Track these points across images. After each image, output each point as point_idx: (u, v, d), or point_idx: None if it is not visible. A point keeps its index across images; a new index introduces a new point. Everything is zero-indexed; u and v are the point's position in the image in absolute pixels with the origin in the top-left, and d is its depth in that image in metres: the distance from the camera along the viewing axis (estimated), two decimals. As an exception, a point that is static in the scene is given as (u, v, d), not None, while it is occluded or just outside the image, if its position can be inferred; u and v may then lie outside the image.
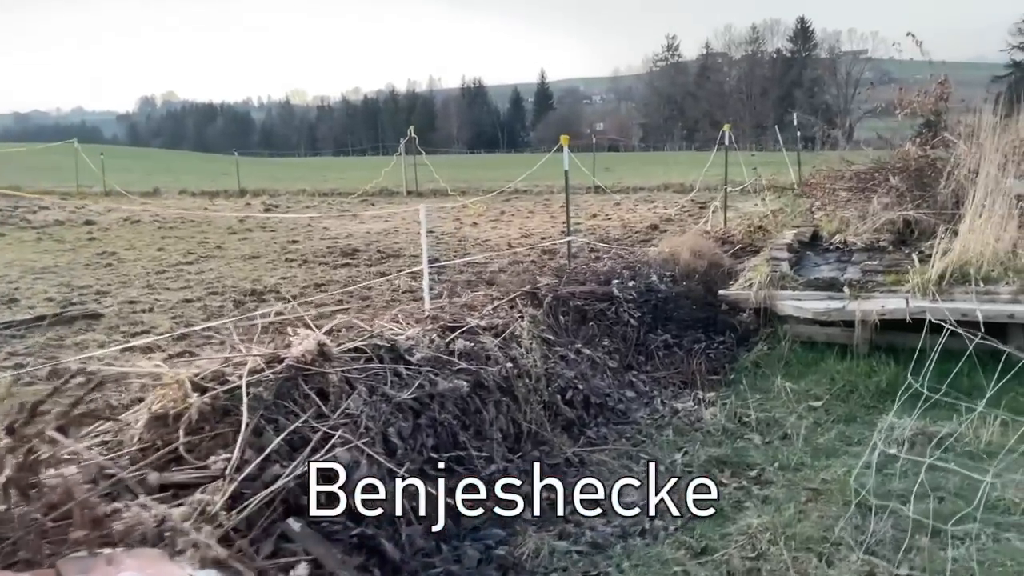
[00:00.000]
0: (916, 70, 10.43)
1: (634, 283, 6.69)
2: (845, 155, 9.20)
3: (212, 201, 23.70)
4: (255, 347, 3.80)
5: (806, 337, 6.18)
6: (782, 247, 7.22)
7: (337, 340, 4.08)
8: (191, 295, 9.23)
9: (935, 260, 5.70)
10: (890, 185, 7.52)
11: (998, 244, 5.67)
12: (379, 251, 12.41)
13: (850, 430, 4.85)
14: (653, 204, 18.83)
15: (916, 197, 7.32)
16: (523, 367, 4.70)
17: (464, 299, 6.13)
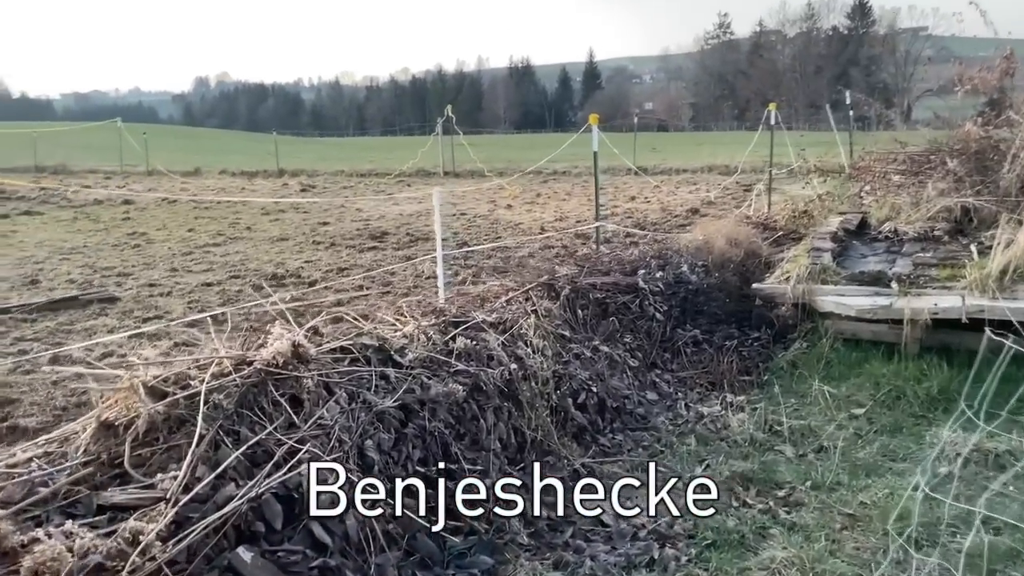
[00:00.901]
0: (979, 47, 9.73)
1: (662, 273, 6.22)
2: (898, 136, 8.51)
3: (251, 181, 23.67)
4: (224, 346, 3.46)
5: (850, 334, 5.64)
6: (825, 236, 6.65)
7: (320, 339, 3.72)
8: (212, 278, 9.04)
9: (996, 253, 5.11)
10: (947, 169, 6.87)
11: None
12: (408, 234, 12.09)
13: (895, 443, 4.35)
14: (695, 186, 18.16)
15: (976, 182, 6.66)
16: (529, 368, 4.29)
17: (477, 290, 5.73)
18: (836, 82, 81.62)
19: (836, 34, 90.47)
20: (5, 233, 12.75)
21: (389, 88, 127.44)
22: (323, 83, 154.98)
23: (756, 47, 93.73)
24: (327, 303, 7.68)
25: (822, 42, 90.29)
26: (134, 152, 26.08)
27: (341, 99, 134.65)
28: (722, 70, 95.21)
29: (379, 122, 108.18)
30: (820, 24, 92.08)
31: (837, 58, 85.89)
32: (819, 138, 19.52)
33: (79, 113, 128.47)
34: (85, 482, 2.83)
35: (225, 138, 69.70)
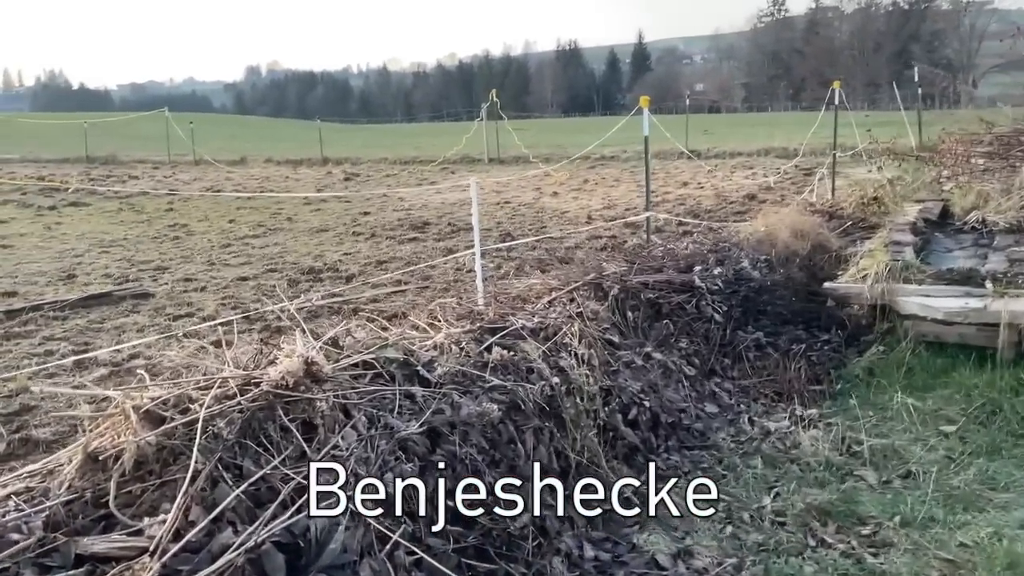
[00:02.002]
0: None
1: (721, 270, 5.70)
2: (983, 115, 7.79)
3: (296, 170, 23.56)
4: (230, 362, 3.09)
5: (932, 337, 5.07)
6: (904, 227, 6.03)
7: (339, 353, 3.32)
8: (249, 272, 8.79)
9: (1113, 249, 4.51)
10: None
11: None
12: (451, 224, 11.71)
13: (994, 468, 3.79)
14: (752, 171, 17.39)
15: (1080, 167, 6.00)
16: (574, 382, 3.84)
17: (518, 288, 5.29)
18: (896, 59, 78.78)
19: (896, 9, 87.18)
20: (50, 225, 12.74)
21: (436, 74, 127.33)
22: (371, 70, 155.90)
23: (812, 24, 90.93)
24: (363, 299, 7.35)
25: (881, 18, 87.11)
26: (182, 142, 26.21)
27: (389, 85, 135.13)
28: (776, 49, 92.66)
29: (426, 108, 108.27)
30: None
31: (897, 34, 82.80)
32: (883, 118, 18.57)
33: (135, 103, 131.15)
34: (66, 525, 2.49)
35: (274, 126, 70.30)
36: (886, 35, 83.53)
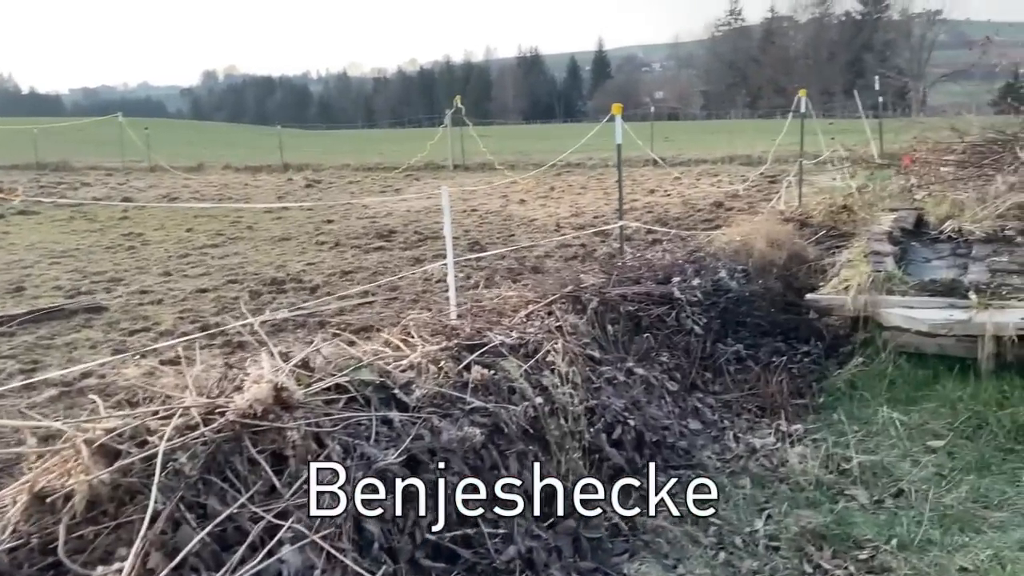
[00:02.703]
0: (990, 31, 9.13)
1: (699, 280, 5.58)
2: (954, 123, 7.82)
3: (255, 176, 23.10)
4: (192, 388, 2.86)
5: (913, 348, 5.00)
6: (882, 237, 5.98)
7: (310, 376, 3.11)
8: (208, 284, 8.48)
9: (1096, 260, 4.48)
10: (1018, 160, 6.20)
11: None
12: (417, 232, 11.48)
13: (985, 485, 3.71)
14: (717, 178, 17.45)
15: (1054, 175, 6.01)
16: (558, 402, 3.67)
17: (493, 301, 5.11)
18: (850, 68, 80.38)
19: (849, 19, 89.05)
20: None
21: (397, 79, 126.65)
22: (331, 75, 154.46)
23: (768, 33, 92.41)
24: (329, 312, 7.10)
25: (835, 27, 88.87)
26: (137, 148, 25.54)
27: (349, 91, 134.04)
28: (733, 57, 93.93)
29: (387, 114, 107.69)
30: (832, 9, 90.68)
31: (850, 44, 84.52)
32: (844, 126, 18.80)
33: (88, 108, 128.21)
34: (9, 575, 2.25)
35: (232, 132, 69.23)
36: (839, 44, 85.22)
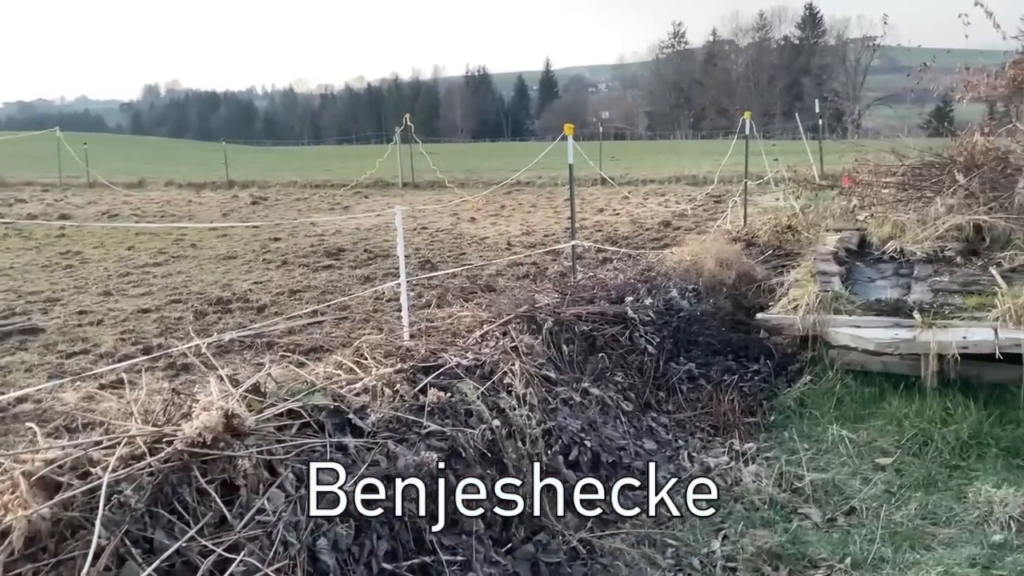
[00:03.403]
0: (924, 57, 9.53)
1: (651, 300, 5.62)
2: (894, 146, 8.07)
3: (199, 193, 22.62)
4: (138, 416, 2.75)
5: (858, 366, 5.11)
6: (828, 257, 6.11)
7: (262, 401, 3.02)
8: (150, 303, 8.22)
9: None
10: (956, 183, 6.41)
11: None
12: (367, 250, 11.36)
13: (933, 502, 3.78)
14: (664, 198, 17.70)
15: (989, 199, 6.21)
16: (515, 424, 3.64)
17: (447, 321, 5.06)
18: (789, 91, 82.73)
19: (788, 44, 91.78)
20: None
21: (344, 96, 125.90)
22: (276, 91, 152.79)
23: (710, 56, 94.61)
24: (277, 332, 6.95)
25: (774, 51, 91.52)
26: (75, 163, 24.80)
27: (295, 107, 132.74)
28: (677, 79, 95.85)
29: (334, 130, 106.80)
30: (772, 34, 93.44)
31: (789, 67, 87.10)
32: (785, 147, 19.29)
33: (24, 122, 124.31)
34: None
35: (174, 147, 67.95)
36: (779, 68, 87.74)
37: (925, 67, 8.24)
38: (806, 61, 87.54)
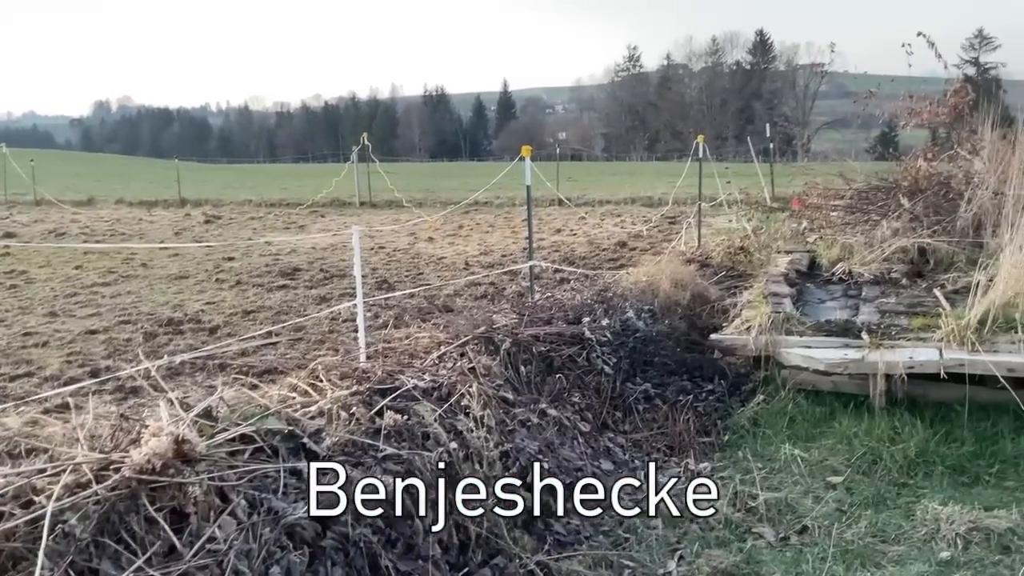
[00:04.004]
0: (870, 83, 9.88)
1: (608, 320, 5.67)
2: (842, 169, 8.30)
3: (150, 211, 22.22)
4: (84, 442, 2.67)
5: (809, 385, 5.21)
6: (779, 278, 6.24)
7: (213, 426, 2.96)
8: (98, 324, 8.03)
9: (973, 302, 4.77)
10: (901, 207, 6.61)
11: (1047, 283, 4.77)
12: (323, 270, 11.26)
13: (882, 520, 3.86)
14: (620, 218, 17.90)
15: (932, 222, 6.42)
16: (472, 446, 3.63)
17: (404, 342, 5.04)
18: (741, 115, 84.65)
19: (740, 68, 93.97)
20: None
21: (301, 114, 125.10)
22: (231, 108, 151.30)
23: (665, 80, 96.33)
24: (230, 353, 6.83)
25: (727, 76, 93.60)
26: (21, 180, 24.18)
27: (250, 125, 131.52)
28: (632, 102, 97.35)
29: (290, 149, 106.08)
30: (724, 59, 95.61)
31: (741, 92, 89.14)
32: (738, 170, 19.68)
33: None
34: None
35: (125, 164, 66.72)
36: (731, 92, 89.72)
37: (871, 94, 8.52)
38: (757, 86, 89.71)
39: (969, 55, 79.35)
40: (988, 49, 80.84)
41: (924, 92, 7.99)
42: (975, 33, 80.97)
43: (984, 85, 56.39)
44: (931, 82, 9.19)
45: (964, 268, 5.81)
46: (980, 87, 41.22)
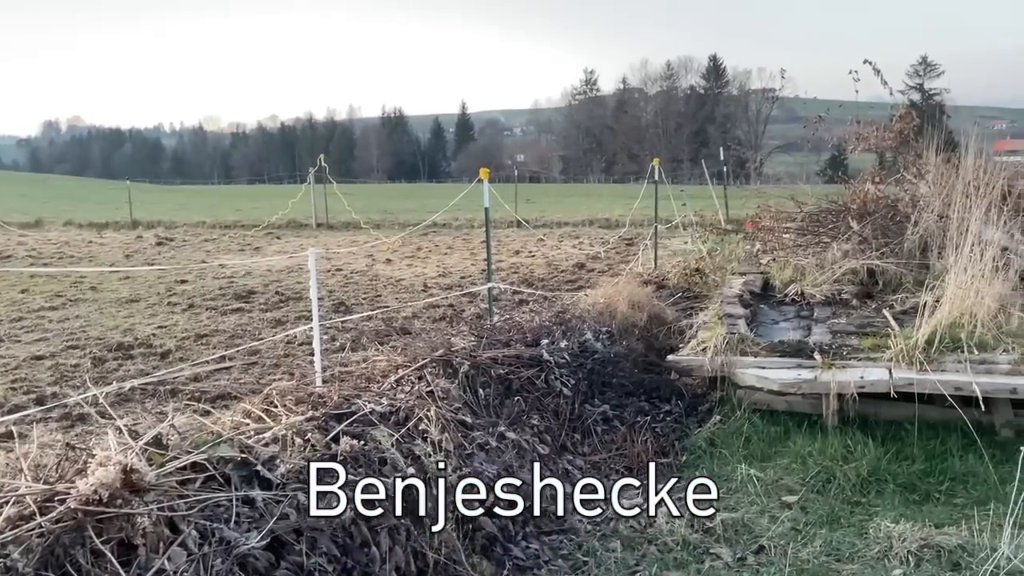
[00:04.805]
0: (819, 108, 10.16)
1: (567, 342, 5.68)
2: (793, 192, 8.48)
3: (100, 233, 21.75)
4: (28, 471, 2.59)
5: (765, 405, 5.28)
6: (734, 300, 6.33)
7: (163, 454, 2.89)
8: (45, 350, 7.81)
9: (921, 322, 4.90)
10: (851, 229, 6.77)
11: (989, 304, 4.90)
12: (278, 292, 11.11)
13: (837, 538, 3.90)
14: (578, 240, 18.03)
15: (881, 244, 6.59)
16: (430, 471, 3.59)
17: (362, 365, 4.99)
18: (695, 138, 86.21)
19: (694, 93, 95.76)
20: None
21: (257, 135, 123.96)
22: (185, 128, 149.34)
23: (621, 103, 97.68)
24: (182, 379, 6.69)
25: (681, 100, 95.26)
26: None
27: (205, 145, 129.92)
28: (589, 124, 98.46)
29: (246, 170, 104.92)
30: (679, 83, 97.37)
31: (695, 115, 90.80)
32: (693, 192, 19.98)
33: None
34: None
35: (75, 185, 65.38)
36: (686, 116, 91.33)
37: (820, 119, 8.75)
38: (711, 110, 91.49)
39: (914, 81, 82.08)
40: (932, 75, 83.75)
41: (871, 117, 8.23)
42: (920, 60, 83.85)
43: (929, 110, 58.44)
44: (878, 107, 9.47)
45: (912, 289, 5.97)
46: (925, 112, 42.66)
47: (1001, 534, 3.68)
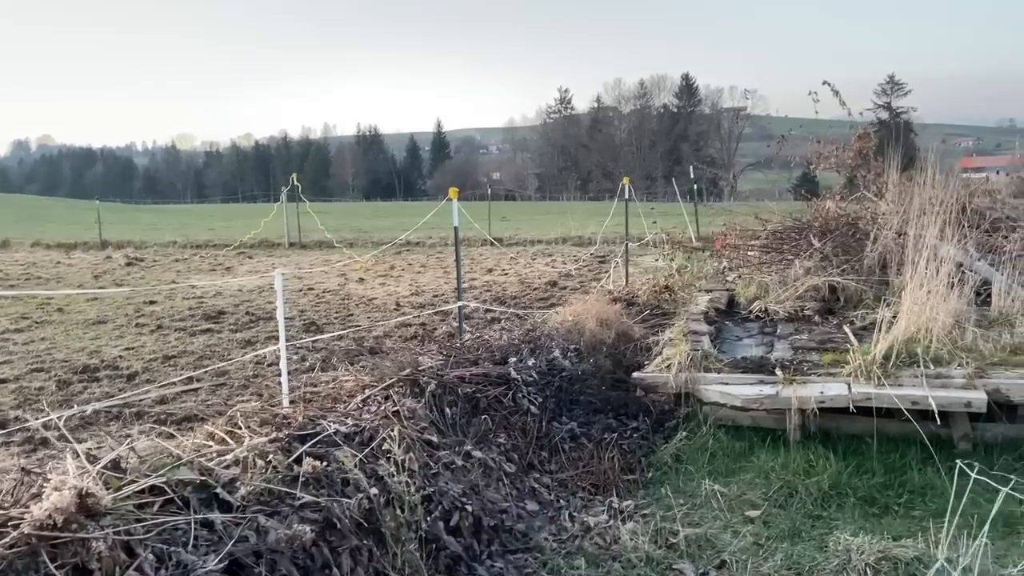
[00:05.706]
0: (790, 126, 10.35)
1: (534, 360, 5.71)
2: (757, 211, 8.63)
3: (68, 254, 21.49)
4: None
5: (729, 421, 5.34)
6: (699, 317, 6.41)
7: (121, 478, 2.88)
8: (9, 373, 7.70)
9: (878, 338, 4.99)
10: (812, 247, 6.90)
11: (944, 319, 5.02)
12: (248, 313, 11.04)
13: (798, 552, 3.95)
14: (551, 258, 18.11)
15: (841, 261, 6.72)
16: (394, 491, 3.60)
17: (329, 386, 4.99)
18: (669, 156, 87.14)
19: (667, 111, 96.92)
20: None
21: (230, 153, 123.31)
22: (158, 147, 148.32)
23: (595, 122, 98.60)
24: (148, 401, 6.63)
25: (655, 118, 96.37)
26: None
27: (178, 164, 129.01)
28: (564, 142, 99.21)
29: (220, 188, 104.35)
30: (652, 102, 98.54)
31: (668, 134, 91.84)
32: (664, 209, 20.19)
33: None
34: None
35: (44, 206, 64.53)
36: (659, 134, 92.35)
37: (783, 139, 8.92)
38: (684, 128, 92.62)
39: (882, 100, 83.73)
40: (900, 94, 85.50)
41: (833, 136, 8.40)
42: (887, 79, 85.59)
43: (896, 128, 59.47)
44: (838, 126, 9.66)
45: (872, 305, 6.09)
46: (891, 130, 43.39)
47: (962, 549, 3.77)
